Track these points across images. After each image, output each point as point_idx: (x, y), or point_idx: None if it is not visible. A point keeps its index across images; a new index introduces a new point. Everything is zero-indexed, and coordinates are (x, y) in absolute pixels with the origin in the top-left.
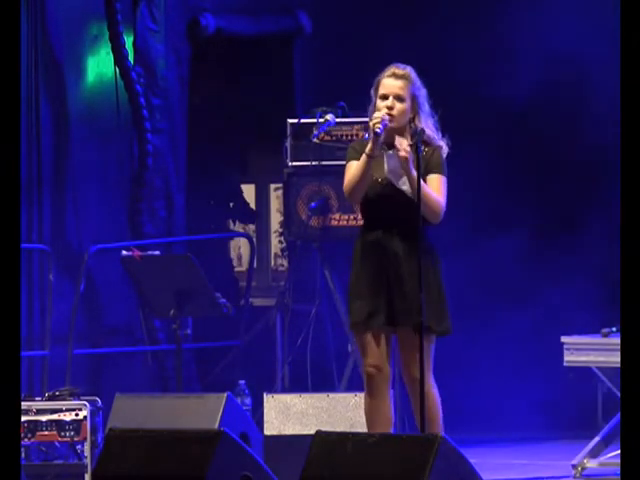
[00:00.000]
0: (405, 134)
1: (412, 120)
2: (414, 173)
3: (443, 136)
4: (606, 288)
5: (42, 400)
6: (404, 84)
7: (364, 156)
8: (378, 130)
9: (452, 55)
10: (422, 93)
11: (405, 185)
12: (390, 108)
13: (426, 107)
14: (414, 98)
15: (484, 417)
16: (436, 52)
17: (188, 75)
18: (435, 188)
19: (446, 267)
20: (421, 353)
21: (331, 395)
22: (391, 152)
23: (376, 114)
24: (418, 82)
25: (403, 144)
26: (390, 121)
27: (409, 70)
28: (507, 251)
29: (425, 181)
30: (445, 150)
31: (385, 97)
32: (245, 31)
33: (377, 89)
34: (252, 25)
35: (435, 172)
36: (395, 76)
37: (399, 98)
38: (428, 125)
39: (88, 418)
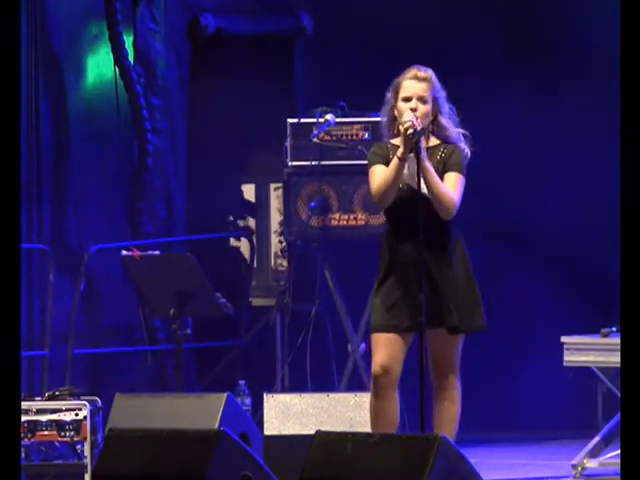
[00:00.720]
0: (427, 136)
1: (432, 122)
2: (424, 159)
3: (465, 138)
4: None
5: (42, 400)
6: (427, 86)
7: (395, 159)
8: (411, 132)
9: (453, 53)
10: (442, 95)
11: (425, 189)
12: (414, 110)
13: (446, 109)
14: (435, 100)
15: (484, 417)
16: (436, 51)
17: (188, 75)
18: (451, 185)
19: None
20: (421, 353)
21: (331, 395)
22: (411, 155)
23: (405, 116)
24: (438, 84)
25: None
26: (419, 122)
27: (430, 73)
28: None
29: (443, 179)
30: (467, 152)
31: (408, 99)
32: (245, 31)
33: (397, 91)
34: (252, 25)
35: (453, 170)
36: (417, 79)
37: (422, 100)
38: (448, 124)
39: (88, 418)
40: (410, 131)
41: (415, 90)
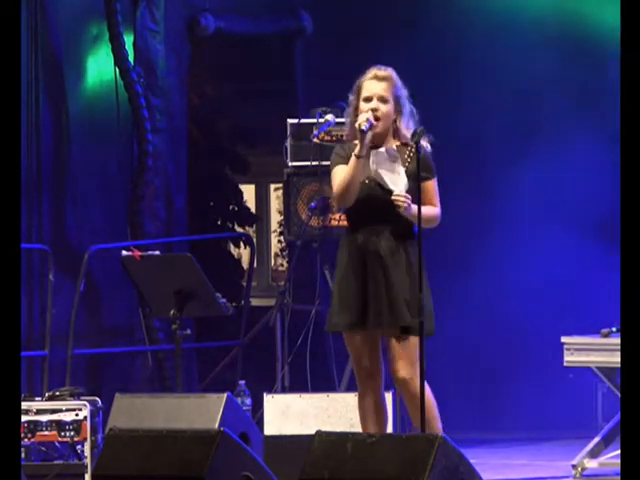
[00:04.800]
0: (389, 136)
1: (394, 121)
2: (413, 211)
3: (425, 135)
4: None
5: (42, 400)
6: (387, 86)
7: (353, 158)
8: (364, 128)
9: (452, 52)
10: (404, 94)
11: (393, 185)
12: (375, 110)
13: (407, 108)
14: (397, 99)
15: (484, 417)
16: (436, 51)
17: (188, 75)
18: (431, 196)
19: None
20: (421, 353)
21: (331, 395)
22: (382, 149)
23: (361, 116)
24: (399, 83)
25: (400, 196)
26: (376, 120)
27: (391, 71)
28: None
29: (410, 179)
30: (429, 149)
31: (369, 99)
32: (245, 31)
33: (359, 92)
34: (252, 25)
35: (428, 177)
36: (377, 78)
37: (383, 100)
38: (409, 126)
39: (88, 418)
40: (363, 124)
41: (375, 90)
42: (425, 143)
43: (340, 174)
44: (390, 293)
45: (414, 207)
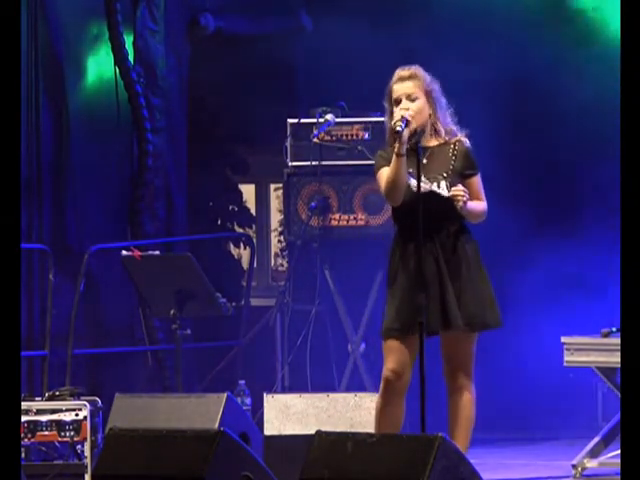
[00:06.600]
0: (427, 134)
1: (430, 117)
2: (469, 206)
3: (462, 129)
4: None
5: (42, 400)
6: (413, 83)
7: (394, 157)
8: (399, 128)
9: (452, 53)
10: (435, 88)
11: (440, 189)
12: (405, 110)
13: (442, 101)
14: (428, 94)
15: (484, 417)
16: (436, 51)
17: (188, 75)
18: (478, 191)
19: None
20: (421, 353)
21: (331, 395)
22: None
23: (395, 116)
24: (428, 78)
25: (459, 191)
26: (411, 118)
27: (415, 68)
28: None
29: (465, 181)
30: (468, 144)
31: (399, 101)
32: (245, 31)
33: (390, 98)
34: (252, 25)
35: (474, 174)
36: (402, 79)
37: (411, 98)
38: (447, 121)
39: (88, 418)
40: (398, 125)
41: (402, 90)
42: (464, 138)
43: (384, 175)
44: (449, 294)
45: (470, 203)
